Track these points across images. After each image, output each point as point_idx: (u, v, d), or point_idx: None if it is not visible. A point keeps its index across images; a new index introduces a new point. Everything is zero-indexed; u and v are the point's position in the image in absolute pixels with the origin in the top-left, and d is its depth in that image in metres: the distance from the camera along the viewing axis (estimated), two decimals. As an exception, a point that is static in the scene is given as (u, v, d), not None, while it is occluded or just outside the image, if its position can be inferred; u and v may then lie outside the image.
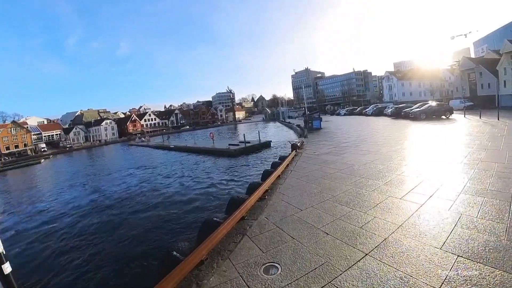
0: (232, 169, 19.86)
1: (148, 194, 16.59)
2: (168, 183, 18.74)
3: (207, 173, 20.01)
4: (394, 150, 11.92)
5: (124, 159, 41.51)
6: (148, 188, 18.05)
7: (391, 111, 36.82)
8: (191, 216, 11.50)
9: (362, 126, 26.59)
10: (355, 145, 14.55)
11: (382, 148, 12.96)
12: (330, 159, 11.44)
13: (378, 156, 11.13)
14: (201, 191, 15.31)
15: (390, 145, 13.44)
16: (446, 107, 30.02)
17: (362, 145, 14.32)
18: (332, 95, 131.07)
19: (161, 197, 15.36)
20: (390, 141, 14.87)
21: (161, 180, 20.16)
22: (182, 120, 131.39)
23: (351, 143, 15.42)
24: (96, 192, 19.44)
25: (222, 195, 14.10)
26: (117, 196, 17.25)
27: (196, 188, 16.30)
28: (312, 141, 18.83)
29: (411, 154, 10.97)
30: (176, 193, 15.89)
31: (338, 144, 15.64)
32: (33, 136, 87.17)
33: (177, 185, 17.76)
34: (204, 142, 37.16)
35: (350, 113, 59.73)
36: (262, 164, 19.70)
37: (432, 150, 11.30)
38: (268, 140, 28.48)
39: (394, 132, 19.13)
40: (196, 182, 17.67)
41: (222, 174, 18.80)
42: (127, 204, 15.03)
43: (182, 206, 13.19)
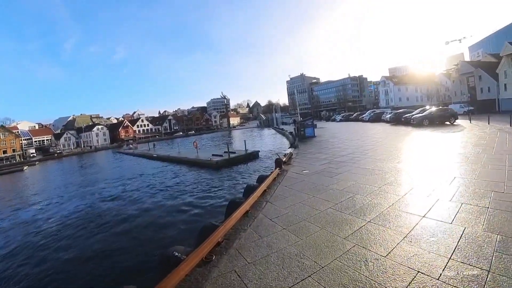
0: (208, 187, 16.93)
1: (88, 219, 13.71)
2: (123, 205, 15.74)
3: (178, 192, 17.05)
4: (406, 171, 9.11)
5: (105, 168, 38.72)
6: (91, 216, 14.88)
7: (390, 117, 34.34)
8: (141, 254, 8.71)
9: (360, 134, 23.92)
10: (353, 160, 11.76)
11: (388, 164, 10.19)
12: (322, 183, 8.60)
13: (386, 178, 8.30)
14: (161, 221, 12.41)
15: (398, 161, 10.67)
16: (451, 112, 27.55)
17: (363, 160, 11.55)
18: (328, 100, 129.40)
19: (105, 226, 12.46)
20: (397, 155, 12.12)
21: (120, 201, 17.19)
22: (176, 126, 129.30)
23: (349, 157, 12.64)
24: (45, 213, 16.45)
25: (190, 222, 11.30)
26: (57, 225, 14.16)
27: (157, 214, 13.37)
28: (303, 153, 16.04)
29: (431, 177, 8.18)
30: (129, 220, 12.95)
31: (333, 158, 12.85)
32: (23, 141, 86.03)
33: (133, 209, 14.74)
34: (189, 151, 34.27)
35: (346, 119, 57.34)
36: (244, 179, 16.88)
37: (460, 171, 8.51)
38: (255, 150, 25.66)
39: (397, 142, 16.45)
40: (159, 206, 14.73)
41: (195, 193, 15.90)
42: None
43: (130, 240, 10.31)
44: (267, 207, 6.90)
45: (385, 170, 9.29)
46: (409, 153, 12.15)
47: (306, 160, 13.27)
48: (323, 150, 16.24)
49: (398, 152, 12.75)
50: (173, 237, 9.92)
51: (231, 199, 8.42)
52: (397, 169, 9.25)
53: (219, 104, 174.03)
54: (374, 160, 11.19)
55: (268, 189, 8.54)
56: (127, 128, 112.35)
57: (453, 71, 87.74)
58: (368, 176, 8.78)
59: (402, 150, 13.41)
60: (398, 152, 12.75)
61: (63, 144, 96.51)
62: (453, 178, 7.47)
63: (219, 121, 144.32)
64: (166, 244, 8.86)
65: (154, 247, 8.91)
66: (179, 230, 10.67)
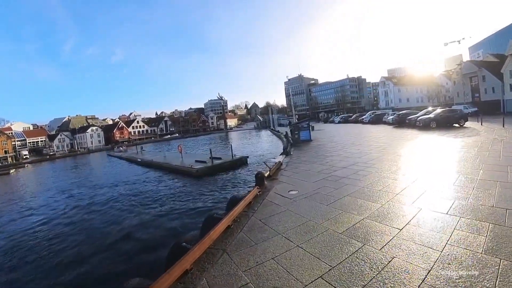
0: (184, 201, 14.31)
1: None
2: (71, 230, 13.03)
3: (147, 206, 14.43)
4: (428, 195, 6.54)
5: (87, 174, 36.12)
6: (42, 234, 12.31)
7: (393, 119, 31.81)
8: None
9: (361, 138, 21.33)
10: (356, 176, 9.12)
11: (402, 183, 7.60)
12: (314, 216, 5.92)
13: (405, 212, 5.70)
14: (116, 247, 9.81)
15: (414, 179, 8.01)
16: (460, 114, 25.06)
17: (369, 176, 8.92)
18: (326, 102, 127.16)
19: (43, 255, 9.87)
20: (410, 169, 9.50)
21: (82, 214, 14.58)
22: (172, 127, 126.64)
23: (350, 170, 10.02)
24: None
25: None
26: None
27: (116, 237, 10.78)
28: (295, 162, 13.43)
29: (475, 210, 5.60)
30: (78, 246, 10.36)
31: (330, 171, 10.23)
32: (17, 143, 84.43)
33: (88, 229, 12.16)
34: (175, 155, 31.61)
35: (345, 121, 54.79)
36: (224, 193, 14.26)
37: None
38: (244, 156, 23.01)
39: (406, 149, 13.86)
40: (120, 227, 12.12)
41: (165, 208, 13.30)
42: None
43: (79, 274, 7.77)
44: (217, 268, 4.27)
45: (402, 195, 6.68)
46: (425, 166, 9.53)
47: (296, 174, 10.64)
48: (319, 158, 13.61)
49: (410, 164, 10.16)
50: (134, 266, 8.23)
51: (183, 240, 5.83)
52: (417, 192, 6.66)
53: (216, 105, 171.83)
54: (384, 177, 8.54)
55: (235, 223, 5.94)
56: (122, 129, 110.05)
57: (453, 71, 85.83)
58: (379, 205, 6.16)
59: (415, 161, 10.79)
60: (410, 164, 10.16)
61: (57, 145, 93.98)
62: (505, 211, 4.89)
63: (216, 123, 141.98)
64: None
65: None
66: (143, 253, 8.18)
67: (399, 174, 8.70)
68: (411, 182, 7.64)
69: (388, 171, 9.29)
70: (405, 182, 7.67)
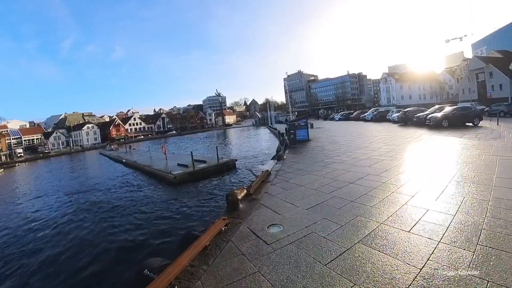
0: (147, 220, 11.67)
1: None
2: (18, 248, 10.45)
3: (106, 221, 11.84)
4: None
5: (69, 175, 33.49)
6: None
7: (398, 116, 29.19)
8: None
9: (367, 138, 18.68)
10: (372, 200, 6.43)
11: (450, 208, 5.10)
12: (305, 284, 3.47)
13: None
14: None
15: (456, 206, 5.52)
16: (475, 112, 22.50)
17: (391, 200, 6.38)
18: (326, 98, 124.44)
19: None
20: (440, 186, 6.91)
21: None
22: (169, 124, 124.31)
23: (362, 189, 7.32)
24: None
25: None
26: None
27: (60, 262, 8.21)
28: (287, 171, 10.80)
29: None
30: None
31: (332, 190, 7.58)
32: (12, 141, 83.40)
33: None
34: (161, 156, 28.83)
35: (346, 118, 52.22)
36: (201, 208, 11.63)
37: None
38: (232, 159, 20.23)
39: (426, 153, 11.32)
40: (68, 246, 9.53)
41: (124, 227, 10.71)
42: None
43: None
44: None
45: (452, 244, 4.13)
46: (467, 186, 6.97)
47: (286, 191, 8.04)
48: (317, 166, 11.00)
49: (443, 180, 7.53)
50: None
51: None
52: (474, 231, 4.12)
53: (214, 102, 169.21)
54: (412, 205, 5.98)
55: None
56: (119, 126, 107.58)
57: (457, 68, 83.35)
58: (415, 268, 3.62)
59: (447, 175, 8.17)
60: (443, 180, 7.53)
61: (53, 143, 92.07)
62: None
63: (214, 120, 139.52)
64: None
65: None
66: None
67: (433, 198, 6.12)
68: (462, 217, 5.06)
69: (415, 191, 6.70)
70: (449, 213, 5.12)
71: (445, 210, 5.29)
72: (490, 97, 46.39)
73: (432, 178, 7.65)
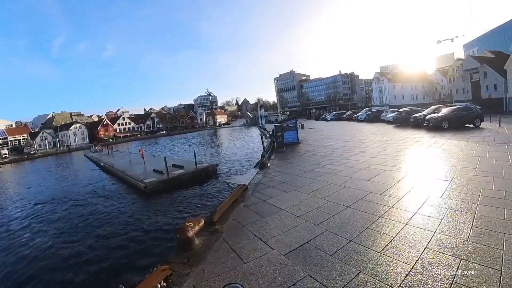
0: (98, 247, 9.47)
1: None
2: None
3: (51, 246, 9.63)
4: None
5: (47, 179, 30.78)
6: None
7: (394, 117, 27.54)
8: None
9: (363, 141, 16.79)
10: (381, 237, 4.58)
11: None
12: None
13: None
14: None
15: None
16: (476, 113, 20.96)
17: (410, 234, 4.41)
18: (318, 98, 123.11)
19: None
20: (477, 207, 5.08)
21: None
22: (159, 124, 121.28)
23: (366, 217, 5.42)
24: None
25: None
26: None
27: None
28: (269, 185, 8.74)
29: None
30: None
31: (323, 216, 5.63)
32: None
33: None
34: (141, 160, 26.55)
35: (338, 118, 50.61)
36: (161, 243, 9.50)
37: None
38: (212, 164, 18.09)
39: (436, 160, 9.47)
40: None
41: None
42: None
43: None
44: None
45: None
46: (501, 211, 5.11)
47: (260, 220, 5.93)
48: (305, 178, 8.99)
49: (463, 198, 5.67)
50: None
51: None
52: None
53: (205, 101, 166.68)
54: (440, 252, 4.08)
55: None
56: (107, 126, 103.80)
57: (449, 68, 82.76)
58: None
59: (465, 190, 6.32)
60: (463, 198, 5.67)
61: (39, 143, 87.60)
62: None
63: (205, 119, 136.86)
64: None
65: None
66: None
67: (464, 236, 4.20)
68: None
69: (436, 222, 4.79)
70: (496, 267, 3.20)
71: (490, 262, 3.36)
72: (490, 96, 45.44)
73: (455, 198, 5.74)
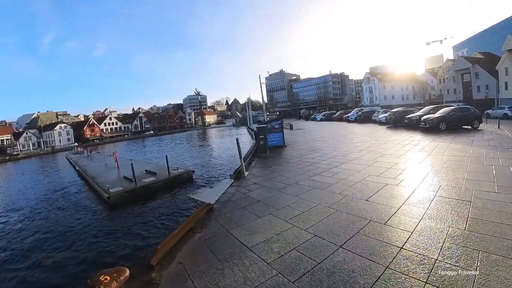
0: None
1: None
2: None
3: None
4: None
5: (17, 183, 28.37)
6: None
7: (387, 117, 26.09)
8: None
9: (355, 144, 15.12)
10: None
11: None
12: None
13: None
14: None
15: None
16: (475, 114, 19.64)
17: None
18: (308, 98, 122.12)
19: None
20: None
21: None
22: (147, 124, 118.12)
23: (364, 275, 3.76)
24: None
25: None
26: None
27: None
28: (239, 205, 6.84)
29: None
30: None
31: (305, 266, 3.92)
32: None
33: None
34: (120, 163, 24.25)
35: (328, 118, 49.17)
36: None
37: None
38: (187, 171, 16.09)
39: (441, 170, 7.80)
40: None
41: None
42: None
43: None
44: None
45: None
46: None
47: (214, 264, 4.15)
48: (286, 195, 7.15)
49: (493, 232, 4.02)
50: None
51: None
52: None
53: (195, 101, 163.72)
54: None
55: None
56: (93, 126, 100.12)
57: (439, 69, 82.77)
58: None
59: (493, 217, 4.69)
60: (493, 232, 4.02)
61: (23, 144, 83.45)
62: None
63: (194, 119, 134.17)
64: None
65: None
66: None
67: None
68: None
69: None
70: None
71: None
72: (487, 97, 44.87)
73: (484, 231, 4.03)
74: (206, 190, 8.39)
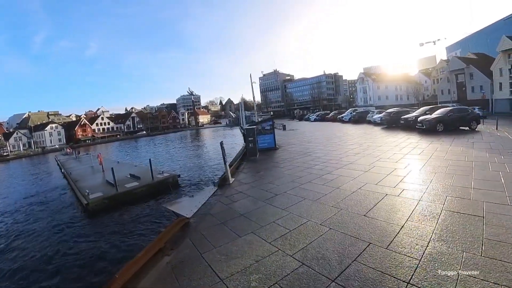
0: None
1: None
2: None
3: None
4: None
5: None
6: None
7: (381, 118, 25.44)
8: None
9: (351, 147, 14.37)
10: None
11: None
12: None
13: None
14: None
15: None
16: (472, 114, 19.08)
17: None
18: (302, 98, 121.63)
19: None
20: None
21: None
22: (140, 124, 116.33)
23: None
24: None
25: None
26: None
27: None
28: (218, 220, 6.02)
29: None
30: None
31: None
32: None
33: None
34: (106, 165, 23.09)
35: (321, 119, 48.54)
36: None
37: None
38: (173, 175, 15.14)
39: (447, 177, 7.04)
40: None
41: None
42: None
43: None
44: None
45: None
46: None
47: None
48: (274, 208, 6.28)
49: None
50: None
51: None
52: None
53: (188, 101, 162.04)
54: None
55: None
56: (85, 126, 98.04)
57: (433, 69, 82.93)
58: None
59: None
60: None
61: (13, 145, 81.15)
62: None
63: (187, 119, 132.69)
64: None
65: None
66: None
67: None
68: None
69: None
70: None
71: None
72: (484, 97, 44.76)
73: (505, 258, 3.25)
74: (184, 200, 7.51)
